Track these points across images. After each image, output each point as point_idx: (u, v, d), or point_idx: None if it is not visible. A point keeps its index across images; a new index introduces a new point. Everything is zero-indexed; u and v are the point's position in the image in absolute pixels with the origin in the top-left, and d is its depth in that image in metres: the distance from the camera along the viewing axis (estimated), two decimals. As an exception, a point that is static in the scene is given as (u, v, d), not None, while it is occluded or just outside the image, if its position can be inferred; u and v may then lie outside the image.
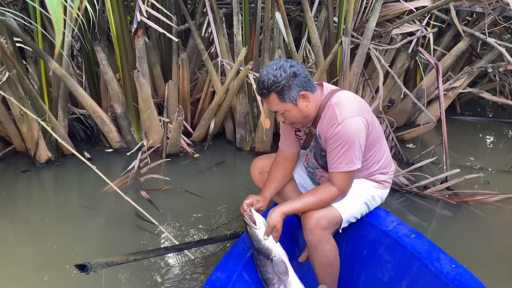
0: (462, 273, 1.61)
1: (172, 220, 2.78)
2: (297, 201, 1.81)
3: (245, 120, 3.74)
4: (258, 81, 1.75)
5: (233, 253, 1.87)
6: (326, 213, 1.79)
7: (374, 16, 3.30)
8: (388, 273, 1.87)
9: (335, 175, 1.79)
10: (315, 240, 1.77)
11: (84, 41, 3.68)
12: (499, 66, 4.02)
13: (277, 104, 1.75)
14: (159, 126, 3.63)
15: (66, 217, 2.86)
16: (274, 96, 1.73)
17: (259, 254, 1.76)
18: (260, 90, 1.74)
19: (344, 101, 1.78)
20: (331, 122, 1.74)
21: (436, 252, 1.74)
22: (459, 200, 2.93)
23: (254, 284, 1.82)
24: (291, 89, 1.72)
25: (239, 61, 3.37)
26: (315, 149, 1.93)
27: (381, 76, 3.49)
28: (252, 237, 1.73)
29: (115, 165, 3.56)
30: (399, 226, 1.92)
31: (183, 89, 3.87)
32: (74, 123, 3.98)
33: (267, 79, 1.71)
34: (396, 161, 3.30)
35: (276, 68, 1.71)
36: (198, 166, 3.61)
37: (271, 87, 1.70)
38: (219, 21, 3.61)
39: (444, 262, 1.68)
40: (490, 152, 4.08)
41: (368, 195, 1.96)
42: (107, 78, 3.51)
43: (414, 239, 1.83)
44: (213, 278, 1.70)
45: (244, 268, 1.79)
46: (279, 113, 1.79)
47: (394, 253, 1.86)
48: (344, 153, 1.73)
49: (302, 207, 1.79)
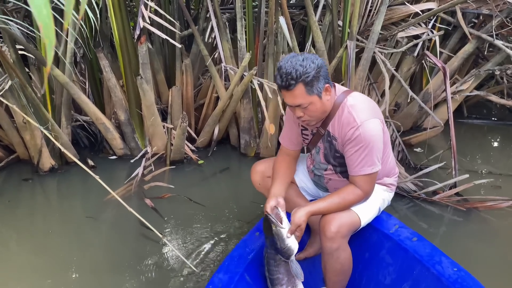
0: (464, 276, 1.61)
1: (177, 229, 2.74)
2: (321, 201, 1.79)
3: (250, 126, 3.70)
4: (282, 72, 1.65)
5: (235, 255, 1.86)
6: (347, 221, 1.76)
7: (379, 19, 3.25)
8: (390, 276, 1.87)
9: (359, 178, 1.77)
10: (332, 247, 1.74)
11: (87, 48, 3.66)
12: (507, 69, 3.97)
13: (303, 97, 1.68)
14: (163, 132, 3.60)
15: (69, 226, 2.83)
16: (302, 88, 1.66)
17: (278, 253, 1.72)
18: (286, 81, 1.65)
19: (359, 104, 1.77)
20: (349, 125, 1.72)
21: (438, 255, 1.74)
22: (469, 206, 2.87)
23: (256, 286, 1.81)
24: (319, 80, 1.68)
25: (243, 66, 3.34)
26: (327, 150, 1.89)
27: (387, 80, 3.44)
28: (276, 236, 1.68)
29: (119, 173, 3.53)
30: (401, 229, 1.93)
31: (187, 95, 3.84)
32: (77, 130, 3.96)
33: (295, 69, 1.63)
34: (403, 166, 3.25)
35: (302, 59, 1.66)
36: (202, 173, 3.57)
37: (300, 77, 1.64)
38: (222, 26, 3.58)
39: (445, 266, 1.68)
40: (498, 156, 4.02)
41: (380, 199, 1.97)
42: (110, 85, 3.49)
43: (415, 242, 1.83)
44: (215, 280, 1.70)
45: (246, 270, 1.79)
46: (302, 106, 1.71)
47: (395, 256, 1.86)
48: (366, 156, 1.72)
49: (327, 208, 1.77)
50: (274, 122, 3.44)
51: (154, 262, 2.42)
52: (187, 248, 2.54)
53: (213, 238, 2.62)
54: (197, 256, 2.46)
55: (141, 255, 2.47)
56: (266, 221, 1.72)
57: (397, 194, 3.04)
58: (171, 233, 2.70)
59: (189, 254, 2.48)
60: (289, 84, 1.65)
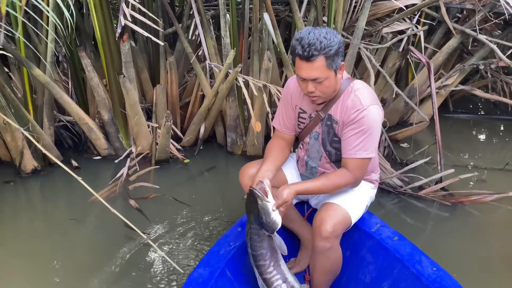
0: (443, 276, 1.64)
1: (163, 229, 2.71)
2: (308, 182, 1.77)
3: (236, 124, 3.68)
4: (305, 43, 1.60)
5: (216, 250, 1.85)
6: (341, 220, 1.75)
7: (364, 15, 3.24)
8: (370, 274, 1.88)
9: (352, 161, 1.74)
10: (326, 247, 1.73)
11: (69, 46, 3.59)
12: (491, 63, 4.00)
13: (322, 70, 1.64)
14: (148, 132, 3.55)
15: (53, 229, 2.77)
16: (323, 61, 1.62)
17: (263, 228, 1.70)
18: (309, 52, 1.59)
19: (365, 89, 1.78)
20: (355, 107, 1.71)
21: (418, 254, 1.77)
22: (454, 200, 2.88)
23: (236, 281, 1.81)
24: (339, 56, 1.66)
25: (227, 63, 3.31)
26: (325, 135, 1.86)
27: (372, 75, 3.45)
28: (262, 210, 1.66)
29: (104, 173, 3.47)
30: (382, 228, 1.94)
31: (172, 93, 3.80)
32: (61, 130, 3.88)
33: (319, 41, 1.59)
34: (389, 162, 3.25)
35: (325, 32, 1.63)
36: (188, 172, 3.53)
37: (323, 49, 1.60)
38: (206, 23, 3.54)
39: (425, 265, 1.70)
40: (483, 150, 4.05)
41: (368, 197, 1.98)
42: (93, 84, 3.43)
43: (396, 242, 1.85)
44: (195, 275, 1.69)
45: (227, 265, 1.78)
46: (317, 80, 1.67)
47: (376, 255, 1.87)
48: (364, 140, 1.71)
49: (314, 189, 1.76)
50: (260, 120, 3.42)
51: (139, 263, 2.38)
52: (172, 249, 2.51)
53: (199, 239, 2.59)
54: (182, 256, 2.43)
55: (126, 257, 2.44)
56: (251, 196, 1.68)
57: (383, 190, 3.05)
58: (156, 234, 2.66)
59: (174, 255, 2.45)
60: (311, 55, 1.60)
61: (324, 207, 1.81)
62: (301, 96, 1.90)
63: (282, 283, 1.73)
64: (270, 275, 1.73)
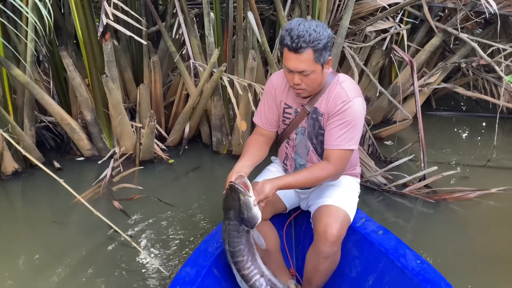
0: (427, 268, 1.67)
1: (147, 231, 2.68)
2: (289, 176, 1.74)
3: (221, 123, 3.66)
4: (294, 34, 1.59)
5: (203, 248, 1.84)
6: (344, 221, 1.77)
7: (348, 14, 3.26)
8: (356, 268, 1.89)
9: (335, 152, 1.73)
10: (332, 251, 1.74)
11: (50, 46, 3.53)
12: (472, 61, 4.06)
13: (309, 63, 1.63)
14: (132, 132, 3.51)
15: (34, 232, 2.72)
16: (310, 54, 1.61)
17: (243, 223, 1.66)
18: (297, 43, 1.58)
19: (350, 82, 1.80)
20: (341, 99, 1.72)
21: (402, 248, 1.79)
22: (438, 198, 2.92)
23: (223, 279, 1.80)
24: (326, 50, 1.65)
25: (212, 62, 3.28)
26: (311, 128, 1.85)
27: (356, 74, 3.47)
28: (244, 205, 1.61)
29: (87, 174, 3.42)
30: (367, 223, 1.95)
31: (156, 93, 3.76)
32: (42, 131, 3.81)
33: (308, 33, 1.58)
34: (373, 160, 3.28)
35: (315, 25, 1.61)
36: (173, 172, 3.50)
37: (312, 42, 1.59)
38: (190, 22, 3.51)
39: (409, 258, 1.73)
40: (466, 147, 4.11)
41: (356, 192, 2.00)
42: (75, 84, 3.37)
43: (381, 235, 1.86)
44: (182, 274, 1.67)
45: (213, 263, 1.77)
46: (304, 73, 1.65)
47: (362, 249, 1.88)
48: (348, 131, 1.71)
49: (296, 183, 1.73)
50: (246, 119, 3.41)
51: (123, 266, 2.36)
52: (157, 251, 2.49)
53: (184, 240, 2.57)
54: (167, 258, 2.42)
55: (110, 259, 2.41)
56: (232, 191, 1.63)
57: (367, 188, 3.07)
58: (140, 236, 2.63)
59: (159, 257, 2.43)
60: (300, 47, 1.59)
61: (323, 210, 1.80)
62: (285, 91, 1.88)
63: (260, 278, 1.72)
64: (248, 271, 1.72)
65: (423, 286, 1.60)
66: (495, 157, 3.43)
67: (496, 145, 3.45)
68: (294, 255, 2.20)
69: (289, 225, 2.23)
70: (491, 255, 2.42)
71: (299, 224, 2.22)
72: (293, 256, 2.20)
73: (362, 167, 3.07)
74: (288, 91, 1.87)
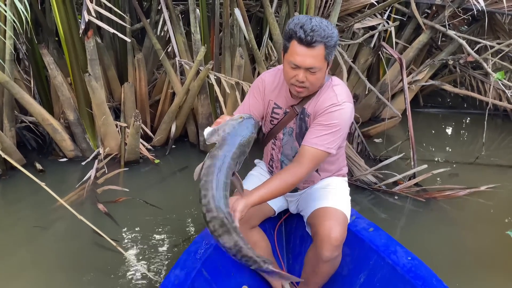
0: (418, 265, 1.68)
1: (133, 234, 2.60)
2: (261, 189, 1.60)
3: (208, 122, 3.59)
4: (307, 27, 1.53)
5: (192, 250, 1.80)
6: (345, 224, 1.75)
7: (336, 11, 3.22)
8: (347, 266, 1.88)
9: (310, 151, 1.65)
10: (335, 255, 1.71)
11: (29, 44, 3.41)
12: (460, 58, 4.06)
13: (320, 60, 1.57)
14: (116, 132, 3.42)
15: (15, 237, 2.62)
16: (322, 50, 1.56)
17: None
18: (312, 37, 1.53)
19: (343, 86, 1.76)
20: (330, 101, 1.68)
21: (393, 245, 1.79)
22: (428, 196, 2.91)
23: (213, 281, 1.77)
24: (335, 49, 1.61)
25: (198, 60, 3.21)
26: (298, 129, 1.80)
27: (344, 71, 3.43)
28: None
29: (70, 176, 3.32)
30: (358, 220, 1.94)
31: (141, 91, 3.67)
32: (23, 132, 3.70)
33: (322, 29, 1.53)
34: (363, 159, 3.25)
35: (326, 22, 1.57)
36: (160, 173, 3.42)
37: (326, 38, 1.54)
38: (175, 19, 3.43)
39: (400, 255, 1.73)
40: (454, 144, 4.12)
41: (348, 191, 1.97)
42: (57, 83, 3.27)
43: (372, 233, 1.86)
44: (171, 277, 1.64)
45: (203, 265, 1.74)
46: (312, 70, 1.59)
47: (353, 247, 1.87)
48: (330, 134, 1.66)
49: (269, 195, 1.61)
50: (233, 118, 3.34)
51: (109, 271, 2.28)
52: (144, 255, 2.42)
53: (171, 243, 2.51)
54: (154, 262, 2.35)
55: (95, 264, 2.33)
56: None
57: (357, 187, 3.05)
58: (126, 240, 2.56)
59: (146, 261, 2.36)
60: (314, 41, 1.53)
61: (322, 214, 1.76)
62: (277, 90, 1.83)
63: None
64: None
65: (414, 282, 1.60)
66: (483, 154, 3.44)
67: (484, 142, 3.46)
68: (285, 256, 2.17)
69: (279, 227, 2.20)
70: (479, 251, 2.43)
71: (289, 225, 2.20)
72: (284, 257, 2.17)
73: (351, 166, 3.04)
74: (280, 91, 1.81)
